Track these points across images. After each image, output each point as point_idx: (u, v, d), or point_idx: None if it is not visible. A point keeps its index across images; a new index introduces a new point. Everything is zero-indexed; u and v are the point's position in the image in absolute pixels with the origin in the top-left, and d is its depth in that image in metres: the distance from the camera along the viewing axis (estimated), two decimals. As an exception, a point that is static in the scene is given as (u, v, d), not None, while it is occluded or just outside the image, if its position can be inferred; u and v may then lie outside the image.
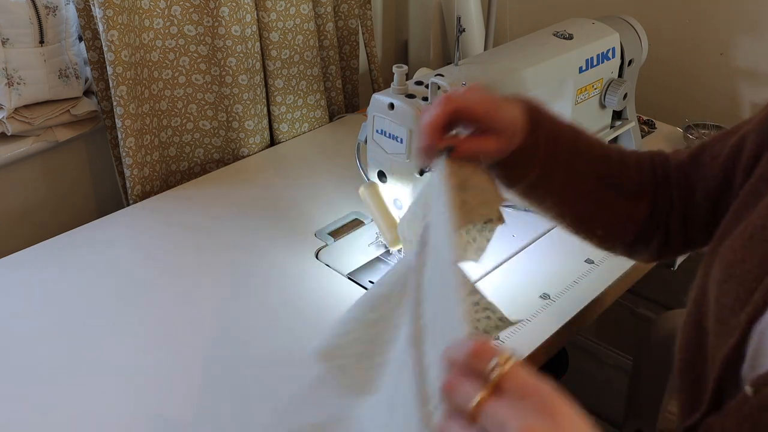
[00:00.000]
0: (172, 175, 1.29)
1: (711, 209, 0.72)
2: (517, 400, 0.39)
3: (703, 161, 0.73)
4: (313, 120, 1.41)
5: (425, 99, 0.89)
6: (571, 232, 0.80)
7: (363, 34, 1.48)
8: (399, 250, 1.02)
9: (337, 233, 1.09)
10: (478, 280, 0.99)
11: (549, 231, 1.09)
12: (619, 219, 0.77)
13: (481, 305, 0.66)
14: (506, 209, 1.14)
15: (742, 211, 0.64)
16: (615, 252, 0.82)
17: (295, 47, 1.32)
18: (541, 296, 0.96)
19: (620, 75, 1.19)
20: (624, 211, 0.77)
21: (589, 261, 1.02)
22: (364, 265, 1.02)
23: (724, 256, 0.62)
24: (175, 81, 1.23)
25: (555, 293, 0.96)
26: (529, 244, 1.06)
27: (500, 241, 1.07)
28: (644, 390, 1.14)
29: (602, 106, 1.18)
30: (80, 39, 1.20)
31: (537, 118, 0.70)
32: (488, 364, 0.40)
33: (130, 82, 1.13)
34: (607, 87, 1.16)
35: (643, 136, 1.35)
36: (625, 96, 1.18)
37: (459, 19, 1.01)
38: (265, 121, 1.35)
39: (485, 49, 1.56)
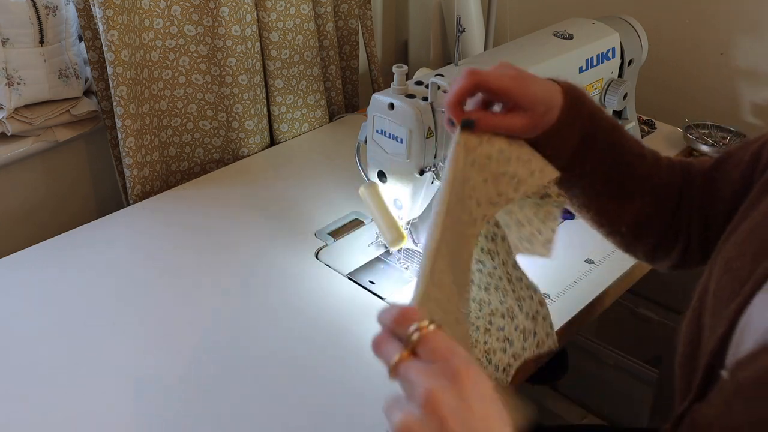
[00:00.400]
0: (172, 175, 1.29)
1: (730, 217, 0.71)
2: (429, 363, 0.43)
3: (726, 168, 0.73)
4: (313, 120, 1.41)
5: (425, 99, 0.89)
6: (595, 226, 0.80)
7: (363, 34, 1.48)
8: (399, 250, 1.02)
9: (337, 233, 1.09)
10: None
11: (549, 231, 1.09)
12: (645, 219, 0.77)
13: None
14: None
15: (748, 211, 0.65)
16: (636, 256, 0.82)
17: (295, 47, 1.32)
18: (541, 296, 0.96)
19: (620, 75, 1.19)
20: (650, 211, 0.77)
21: (589, 261, 1.02)
22: (364, 265, 1.02)
23: (726, 253, 0.63)
24: (175, 81, 1.23)
25: (555, 293, 0.96)
26: (529, 244, 1.06)
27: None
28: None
29: (602, 106, 1.18)
30: (80, 39, 1.20)
31: (575, 100, 0.70)
32: (408, 329, 0.45)
33: (130, 82, 1.13)
34: (607, 87, 1.16)
35: (643, 136, 1.35)
36: (625, 96, 1.18)
37: (459, 19, 1.01)
38: (265, 121, 1.35)
39: (485, 49, 1.56)
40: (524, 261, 0.81)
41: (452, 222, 0.59)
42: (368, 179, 0.98)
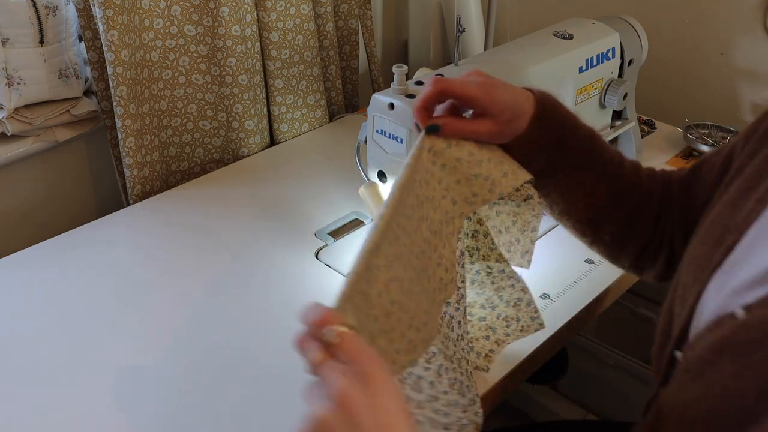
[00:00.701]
0: (172, 175, 1.29)
1: None
2: (344, 365, 0.48)
3: (702, 175, 0.74)
4: (313, 120, 1.41)
5: (425, 99, 0.89)
6: (578, 234, 0.81)
7: (363, 34, 1.48)
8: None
9: (337, 233, 1.09)
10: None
11: (549, 231, 1.09)
12: (627, 228, 0.77)
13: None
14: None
15: (714, 205, 0.67)
16: (622, 266, 0.83)
17: (295, 47, 1.32)
18: (541, 296, 0.96)
19: (620, 75, 1.19)
20: (631, 220, 0.77)
21: (589, 261, 1.02)
22: (364, 265, 1.02)
23: (692, 244, 0.65)
24: (175, 81, 1.23)
25: (555, 293, 0.96)
26: (529, 244, 1.06)
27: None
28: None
29: (602, 106, 1.18)
30: (80, 39, 1.20)
31: (547, 108, 0.71)
32: (327, 332, 0.49)
33: (130, 82, 1.13)
34: (607, 87, 1.16)
35: (643, 136, 1.35)
36: (625, 96, 1.18)
37: (459, 19, 1.01)
38: (265, 121, 1.35)
39: (485, 49, 1.56)
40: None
41: (415, 222, 0.61)
42: (368, 179, 0.98)
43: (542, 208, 0.76)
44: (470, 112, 0.70)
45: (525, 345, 0.87)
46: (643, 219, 0.77)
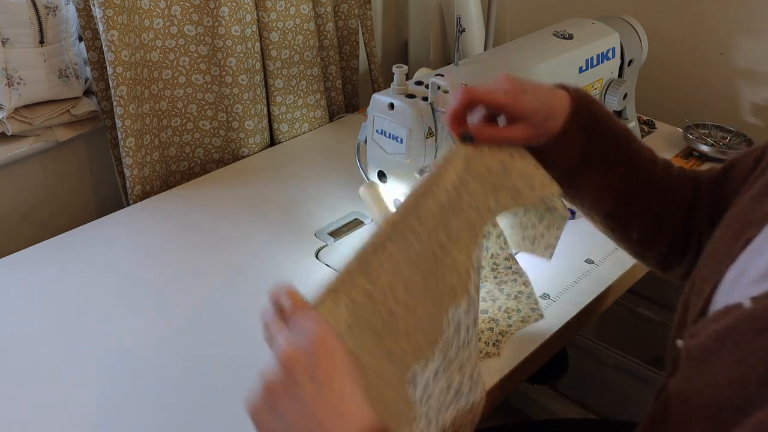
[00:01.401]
0: (172, 175, 1.29)
1: None
2: (294, 328, 0.52)
3: (733, 175, 0.74)
4: (313, 120, 1.41)
5: (425, 99, 0.89)
6: (606, 230, 0.81)
7: (363, 34, 1.48)
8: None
9: (337, 233, 1.09)
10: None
11: (549, 231, 1.09)
12: (655, 225, 0.77)
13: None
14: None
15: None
16: (649, 263, 0.83)
17: (295, 47, 1.32)
18: (541, 296, 0.95)
19: (620, 75, 1.19)
20: (661, 217, 0.77)
21: (589, 261, 1.02)
22: (364, 265, 1.02)
23: (712, 239, 0.65)
24: (175, 81, 1.23)
25: (555, 293, 0.96)
26: (529, 244, 1.06)
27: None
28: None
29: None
30: (80, 39, 1.20)
31: (582, 106, 0.71)
32: (286, 303, 0.54)
33: (130, 82, 1.13)
34: (607, 87, 1.16)
35: (643, 136, 1.35)
36: (625, 96, 1.18)
37: (459, 19, 1.01)
38: (265, 121, 1.35)
39: (485, 49, 1.56)
40: (525, 264, 0.82)
41: (430, 227, 0.62)
42: (368, 179, 0.98)
43: (565, 220, 0.77)
44: (503, 117, 0.70)
45: (525, 345, 0.87)
46: (671, 217, 0.77)
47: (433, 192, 0.63)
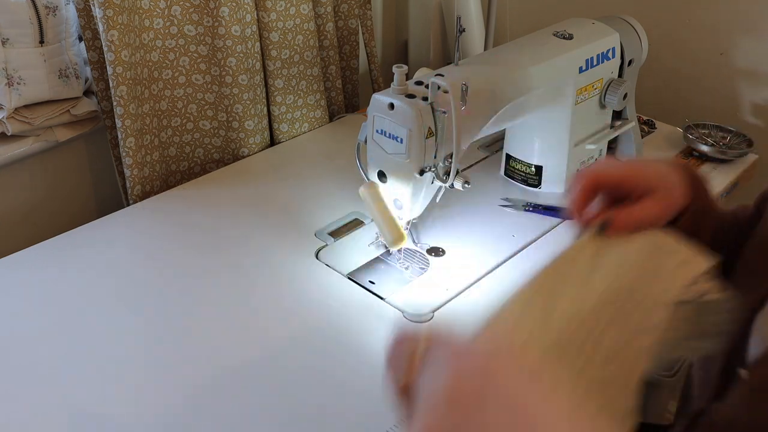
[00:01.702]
0: (172, 175, 1.29)
1: None
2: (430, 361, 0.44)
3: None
4: (313, 120, 1.41)
5: (425, 99, 0.89)
6: None
7: (363, 34, 1.48)
8: (399, 251, 1.02)
9: (337, 233, 1.09)
10: (478, 280, 0.99)
11: (549, 231, 1.09)
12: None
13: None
14: (506, 209, 1.15)
15: None
16: None
17: (295, 47, 1.32)
18: (541, 296, 0.95)
19: (620, 75, 1.19)
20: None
21: (589, 261, 1.02)
22: (364, 265, 1.02)
23: (748, 250, 0.63)
24: (175, 81, 1.23)
25: (555, 293, 0.96)
26: (529, 244, 1.06)
27: (500, 241, 1.07)
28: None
29: (602, 106, 1.18)
30: (80, 39, 1.20)
31: (694, 174, 0.65)
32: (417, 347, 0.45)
33: (130, 82, 1.13)
34: (607, 87, 1.16)
35: (643, 136, 1.35)
36: (625, 96, 1.18)
37: (459, 19, 1.01)
38: (265, 121, 1.35)
39: (485, 49, 1.56)
40: (525, 264, 0.82)
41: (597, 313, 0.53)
42: (368, 179, 0.98)
43: (726, 306, 0.62)
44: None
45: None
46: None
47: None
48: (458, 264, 1.02)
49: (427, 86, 0.91)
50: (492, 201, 1.16)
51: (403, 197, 0.95)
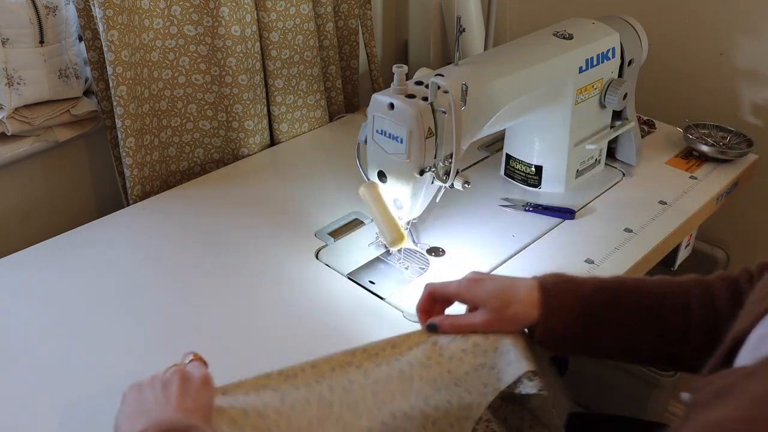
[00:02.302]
0: (172, 175, 1.29)
1: None
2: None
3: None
4: (313, 120, 1.41)
5: (425, 99, 0.89)
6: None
7: (363, 34, 1.48)
8: (399, 251, 1.02)
9: (337, 233, 1.09)
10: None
11: (549, 231, 1.09)
12: (679, 354, 0.74)
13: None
14: (506, 209, 1.15)
15: None
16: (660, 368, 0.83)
17: (295, 47, 1.33)
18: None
19: (620, 75, 1.19)
20: (693, 346, 0.73)
21: (589, 261, 1.02)
22: (364, 265, 1.02)
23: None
24: (175, 81, 1.23)
25: (555, 293, 0.96)
26: (529, 244, 1.06)
27: (500, 241, 1.07)
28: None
29: (602, 106, 1.18)
30: (80, 39, 1.20)
31: (555, 290, 0.74)
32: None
33: (130, 82, 1.13)
34: (607, 87, 1.16)
35: (643, 136, 1.35)
36: (625, 96, 1.18)
37: (459, 19, 1.01)
38: (265, 121, 1.35)
39: (485, 49, 1.56)
40: (525, 264, 0.82)
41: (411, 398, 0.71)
42: (368, 179, 0.98)
43: (546, 403, 0.75)
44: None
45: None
46: (688, 341, 0.73)
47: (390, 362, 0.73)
48: (458, 264, 1.02)
49: (427, 86, 0.91)
50: (492, 201, 1.16)
51: (403, 197, 0.95)
